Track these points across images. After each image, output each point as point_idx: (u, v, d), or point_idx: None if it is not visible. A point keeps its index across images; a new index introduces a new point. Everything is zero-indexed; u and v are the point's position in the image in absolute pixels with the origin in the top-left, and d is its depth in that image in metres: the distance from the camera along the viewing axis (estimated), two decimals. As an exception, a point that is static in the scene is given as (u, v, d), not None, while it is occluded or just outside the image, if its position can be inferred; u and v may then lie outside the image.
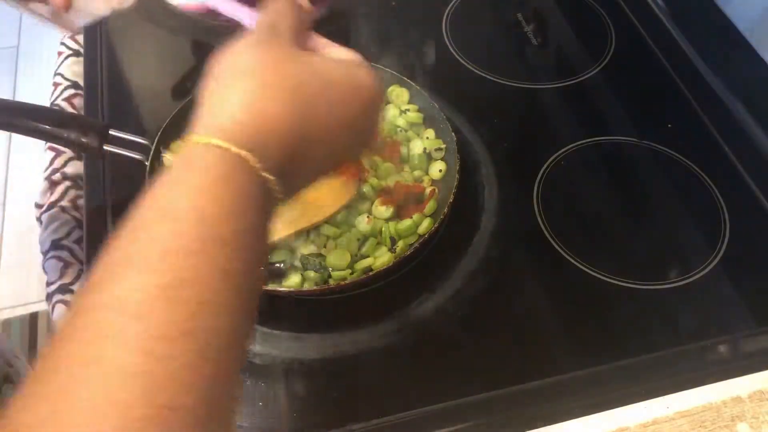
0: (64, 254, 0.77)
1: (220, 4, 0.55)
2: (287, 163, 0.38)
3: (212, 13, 0.92)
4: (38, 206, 0.81)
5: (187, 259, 0.31)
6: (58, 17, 0.59)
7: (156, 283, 0.30)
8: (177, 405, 0.28)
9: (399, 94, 0.79)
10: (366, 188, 0.72)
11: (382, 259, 0.67)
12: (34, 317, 1.73)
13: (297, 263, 0.68)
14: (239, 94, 0.38)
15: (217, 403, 0.30)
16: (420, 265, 0.69)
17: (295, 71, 0.40)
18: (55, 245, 0.77)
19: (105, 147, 0.72)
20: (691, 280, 0.70)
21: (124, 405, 0.27)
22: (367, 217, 0.70)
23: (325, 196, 0.69)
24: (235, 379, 0.33)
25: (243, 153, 0.35)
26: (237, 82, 0.39)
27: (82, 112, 0.87)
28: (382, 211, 0.71)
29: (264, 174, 0.36)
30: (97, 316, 0.30)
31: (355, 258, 0.68)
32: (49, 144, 0.84)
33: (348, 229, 0.70)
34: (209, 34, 0.96)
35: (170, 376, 0.29)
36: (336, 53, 0.46)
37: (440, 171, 0.74)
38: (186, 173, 0.35)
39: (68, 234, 0.78)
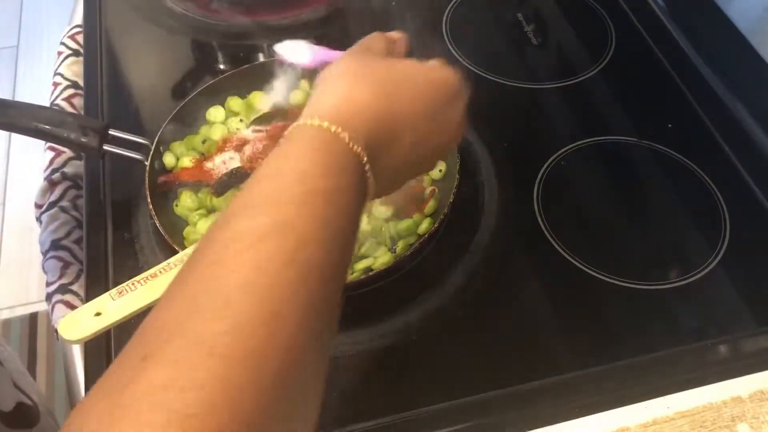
0: (64, 254, 0.77)
1: (332, 55, 0.61)
2: (375, 142, 0.44)
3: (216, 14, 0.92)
4: (38, 206, 0.81)
5: (290, 206, 0.38)
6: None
7: (267, 222, 0.37)
8: (281, 314, 0.34)
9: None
10: (366, 188, 0.72)
11: (382, 259, 0.67)
12: (33, 317, 1.73)
13: (297, 263, 0.67)
14: (334, 89, 0.46)
15: (314, 326, 0.36)
16: (420, 265, 0.69)
17: (381, 68, 0.49)
18: (55, 245, 0.77)
19: (105, 147, 0.72)
20: (691, 280, 0.70)
21: (239, 308, 0.33)
22: (367, 217, 0.70)
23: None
24: (330, 318, 0.39)
25: (335, 128, 0.42)
26: (334, 81, 0.47)
27: (82, 112, 0.87)
28: (382, 211, 0.71)
29: (354, 146, 0.43)
30: (221, 245, 0.36)
31: (355, 258, 0.68)
32: (49, 144, 0.84)
33: (348, 229, 0.70)
34: (209, 34, 0.96)
35: (276, 291, 0.34)
36: (418, 63, 0.52)
37: (440, 171, 0.74)
38: (290, 145, 0.43)
39: (68, 234, 0.78)
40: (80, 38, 0.95)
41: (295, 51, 0.64)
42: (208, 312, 0.33)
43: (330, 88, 0.47)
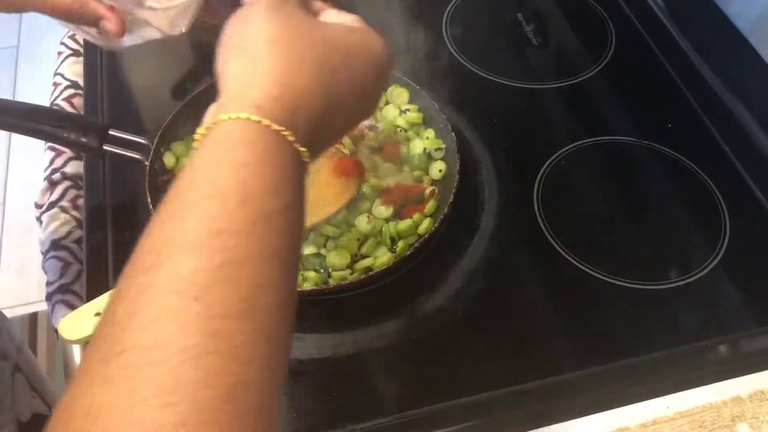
0: (64, 254, 0.77)
1: None
2: (313, 133, 0.38)
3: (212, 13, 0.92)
4: (38, 206, 0.81)
5: (237, 238, 0.31)
6: (107, 39, 0.60)
7: (210, 264, 0.30)
8: (243, 381, 0.29)
9: (399, 94, 0.79)
10: (366, 188, 0.72)
11: (382, 259, 0.67)
12: (33, 317, 1.73)
13: (297, 263, 0.68)
14: (267, 66, 0.38)
15: (277, 375, 0.31)
16: (420, 265, 0.69)
17: (317, 42, 0.40)
18: (55, 245, 0.77)
19: (105, 147, 0.72)
20: (691, 280, 0.70)
21: (193, 386, 0.27)
22: (367, 217, 0.70)
23: (325, 196, 0.69)
24: (288, 352, 0.33)
25: (281, 129, 0.35)
26: (262, 54, 0.38)
27: (82, 112, 0.87)
28: (382, 211, 0.71)
29: (298, 148, 0.36)
30: (153, 298, 0.30)
31: (355, 258, 0.68)
32: (49, 144, 0.84)
33: (348, 229, 0.70)
34: (209, 34, 0.96)
35: (233, 355, 0.29)
36: (341, 18, 0.46)
37: (440, 171, 0.74)
38: (226, 150, 0.34)
39: (68, 234, 0.78)
40: (80, 38, 0.95)
41: None
42: (154, 397, 0.27)
43: (259, 64, 0.38)
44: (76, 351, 0.69)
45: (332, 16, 0.46)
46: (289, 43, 0.39)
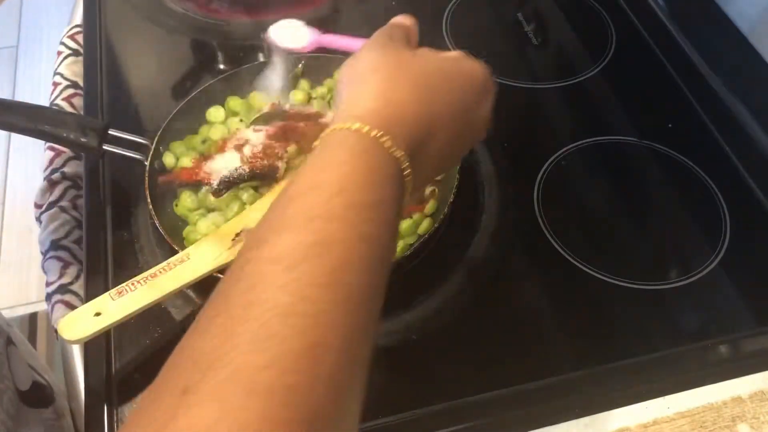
0: (64, 254, 0.77)
1: (336, 41, 0.60)
2: (415, 144, 0.43)
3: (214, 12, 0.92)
4: (38, 206, 0.81)
5: (330, 222, 0.36)
6: None
7: (306, 242, 0.35)
8: (324, 342, 0.32)
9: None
10: (366, 188, 0.71)
11: (382, 259, 0.67)
12: (33, 317, 1.73)
13: (297, 263, 0.67)
14: (370, 88, 0.44)
15: (356, 348, 0.34)
16: (420, 265, 0.69)
17: (415, 65, 0.47)
18: (55, 245, 0.77)
19: (104, 147, 0.72)
20: (691, 280, 0.70)
21: (280, 338, 0.31)
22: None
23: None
24: (370, 335, 0.37)
25: (377, 133, 0.41)
26: (368, 79, 0.45)
27: (82, 112, 0.87)
28: (382, 211, 0.71)
29: (395, 151, 0.41)
30: (257, 267, 0.35)
31: (355, 258, 0.68)
32: (48, 144, 0.84)
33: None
34: (209, 34, 0.96)
35: (319, 318, 0.33)
36: (443, 53, 0.51)
37: (440, 171, 0.74)
38: (329, 152, 0.41)
39: (68, 234, 0.78)
40: (80, 38, 0.95)
41: (292, 34, 0.61)
42: (247, 343, 0.31)
43: (364, 87, 0.45)
44: (76, 351, 0.69)
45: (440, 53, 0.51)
46: (390, 68, 0.46)
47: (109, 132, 0.73)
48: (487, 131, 0.53)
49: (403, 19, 0.55)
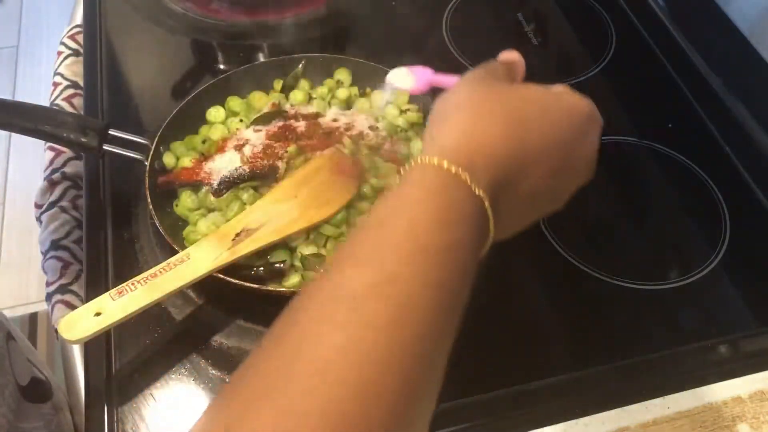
0: (64, 254, 0.77)
1: (446, 81, 0.60)
2: (502, 181, 0.41)
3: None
4: (38, 206, 0.81)
5: (395, 264, 0.36)
6: None
7: (371, 280, 0.35)
8: (379, 381, 0.32)
9: (399, 94, 0.79)
10: (366, 188, 0.71)
11: (382, 259, 0.67)
12: (33, 317, 1.73)
13: (297, 263, 0.68)
14: (456, 122, 0.42)
15: (414, 396, 0.34)
16: (420, 265, 0.69)
17: (507, 98, 0.44)
18: (55, 245, 0.77)
19: (104, 147, 0.72)
20: (691, 280, 0.70)
21: (335, 378, 0.32)
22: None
23: (325, 196, 0.69)
24: (432, 379, 0.37)
25: (456, 169, 0.39)
26: (455, 114, 0.43)
27: (82, 112, 0.87)
28: (382, 211, 0.71)
29: (477, 191, 0.39)
30: (320, 299, 0.36)
31: (355, 258, 0.68)
32: (48, 144, 0.84)
33: (348, 229, 0.70)
34: (209, 34, 0.96)
35: (375, 358, 0.33)
36: (547, 87, 0.48)
37: (440, 171, 0.74)
38: (406, 187, 0.39)
39: (68, 234, 0.78)
40: (80, 38, 0.95)
41: (404, 77, 0.64)
42: (301, 381, 0.32)
43: (450, 122, 0.43)
44: (76, 351, 0.69)
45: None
46: (478, 102, 0.43)
47: (109, 132, 0.73)
48: (593, 171, 0.50)
49: (509, 55, 0.52)
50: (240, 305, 0.67)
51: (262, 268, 0.67)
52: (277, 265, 0.67)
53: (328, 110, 0.79)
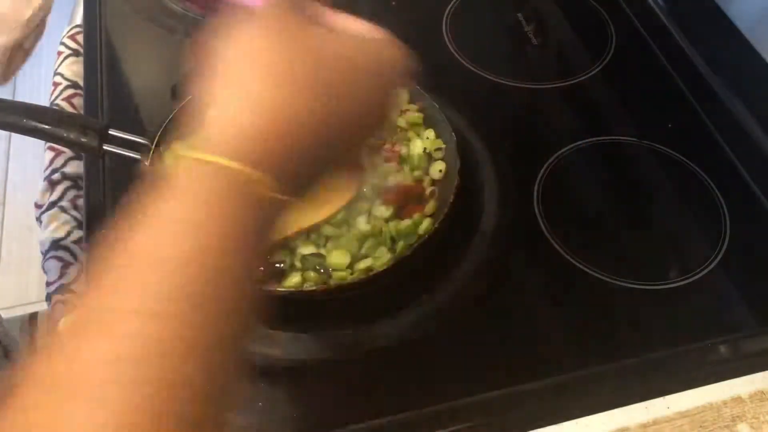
0: (64, 254, 0.77)
1: None
2: (294, 165, 0.36)
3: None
4: (38, 206, 0.81)
5: (181, 266, 0.32)
6: None
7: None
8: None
9: (399, 94, 0.79)
10: (366, 188, 0.72)
11: (382, 259, 0.67)
12: (33, 317, 1.72)
13: (297, 263, 0.68)
14: (249, 93, 0.35)
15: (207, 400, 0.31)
16: (420, 266, 0.69)
17: (317, 55, 0.36)
18: (55, 245, 0.77)
19: (104, 147, 0.72)
20: (691, 280, 0.70)
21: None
22: (367, 217, 0.70)
23: (325, 196, 0.69)
24: (226, 381, 0.34)
25: (254, 173, 0.34)
26: (248, 77, 0.35)
27: (82, 112, 0.87)
28: (382, 211, 0.71)
29: (269, 191, 0.35)
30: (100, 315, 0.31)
31: (355, 258, 0.68)
32: (48, 144, 0.84)
33: (348, 229, 0.70)
34: (209, 34, 0.96)
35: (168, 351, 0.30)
36: (358, 29, 0.42)
37: (440, 171, 0.74)
38: (178, 197, 0.34)
39: (68, 234, 0.78)
40: (80, 38, 0.95)
41: None
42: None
43: (242, 91, 0.35)
44: (76, 351, 0.69)
45: (352, 29, 0.42)
46: (283, 64, 0.35)
47: (109, 132, 0.73)
48: (383, 124, 0.43)
49: None
50: (240, 305, 0.67)
51: (261, 268, 0.67)
52: (277, 265, 0.67)
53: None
